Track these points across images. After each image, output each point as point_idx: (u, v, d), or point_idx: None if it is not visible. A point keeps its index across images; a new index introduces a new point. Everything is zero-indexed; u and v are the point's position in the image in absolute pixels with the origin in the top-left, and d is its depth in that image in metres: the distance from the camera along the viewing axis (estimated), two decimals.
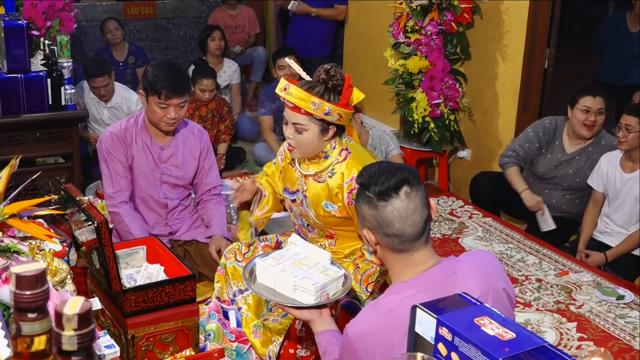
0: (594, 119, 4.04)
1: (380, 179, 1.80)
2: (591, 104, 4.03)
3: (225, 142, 5.46)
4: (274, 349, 2.69)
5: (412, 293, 1.76)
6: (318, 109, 2.52)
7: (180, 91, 3.10)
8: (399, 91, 4.99)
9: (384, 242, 1.82)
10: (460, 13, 4.66)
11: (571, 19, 9.72)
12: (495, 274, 1.86)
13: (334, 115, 2.55)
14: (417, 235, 1.80)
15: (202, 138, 3.39)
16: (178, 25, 6.97)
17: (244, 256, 2.94)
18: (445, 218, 4.50)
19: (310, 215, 2.74)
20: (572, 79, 8.05)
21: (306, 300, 2.14)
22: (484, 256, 1.91)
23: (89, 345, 0.98)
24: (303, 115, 2.56)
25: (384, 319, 1.77)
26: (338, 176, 2.65)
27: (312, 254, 2.33)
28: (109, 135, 3.25)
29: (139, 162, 3.27)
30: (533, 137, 4.26)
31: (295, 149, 2.65)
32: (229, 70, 6.16)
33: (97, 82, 4.93)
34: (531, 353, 1.25)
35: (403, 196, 1.78)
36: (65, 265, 2.39)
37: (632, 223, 3.94)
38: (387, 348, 1.74)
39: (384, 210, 1.78)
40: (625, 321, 3.39)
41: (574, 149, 4.19)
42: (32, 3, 3.78)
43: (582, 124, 4.06)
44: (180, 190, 3.40)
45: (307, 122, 2.57)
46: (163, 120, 3.15)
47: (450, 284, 1.76)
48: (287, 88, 2.56)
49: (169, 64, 3.30)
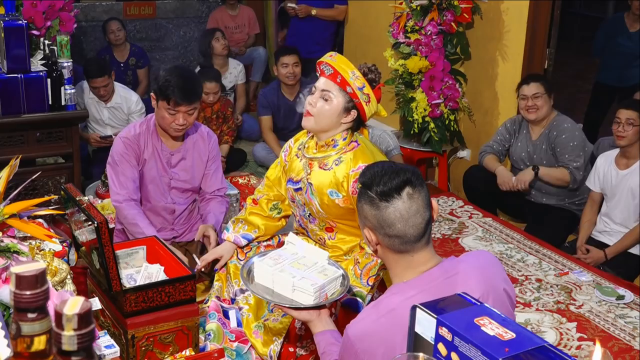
0: (532, 103, 4.30)
1: (383, 179, 1.79)
2: (526, 91, 4.31)
3: (228, 144, 5.46)
4: (275, 348, 2.69)
5: (413, 294, 1.76)
6: (355, 80, 2.61)
7: (189, 99, 3.07)
8: (399, 91, 4.99)
9: (385, 242, 1.82)
10: (460, 13, 4.66)
11: (571, 19, 9.72)
12: (495, 275, 1.86)
13: (364, 95, 2.63)
14: (419, 237, 1.80)
15: (211, 141, 3.36)
16: (178, 25, 6.97)
17: (245, 255, 2.95)
18: (445, 218, 4.50)
19: (315, 203, 2.74)
20: (572, 79, 8.06)
21: (305, 300, 2.14)
22: (485, 256, 1.91)
23: (89, 345, 0.98)
24: (336, 85, 2.63)
25: (385, 319, 1.76)
26: (345, 164, 2.67)
27: (310, 254, 2.33)
28: (122, 141, 3.21)
29: (149, 168, 3.25)
30: (502, 129, 4.60)
31: (312, 116, 2.67)
32: (235, 72, 6.17)
33: (96, 82, 4.93)
34: (531, 353, 1.25)
35: (405, 197, 1.78)
36: (65, 265, 2.39)
37: (631, 220, 3.95)
38: (388, 349, 1.74)
39: (385, 210, 1.78)
40: (625, 321, 3.39)
41: (537, 135, 4.42)
42: (32, 3, 3.78)
43: (524, 110, 4.36)
44: (188, 194, 3.38)
45: (337, 92, 2.64)
46: (172, 126, 3.12)
47: (451, 284, 1.75)
48: (333, 55, 2.67)
49: (181, 69, 3.22)
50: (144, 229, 3.08)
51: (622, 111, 3.93)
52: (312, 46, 6.02)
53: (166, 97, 3.05)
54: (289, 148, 2.90)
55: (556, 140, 4.28)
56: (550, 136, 4.31)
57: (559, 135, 4.27)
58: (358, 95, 2.62)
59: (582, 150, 4.26)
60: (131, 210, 3.15)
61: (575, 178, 4.24)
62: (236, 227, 2.96)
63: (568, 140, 4.25)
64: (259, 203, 2.96)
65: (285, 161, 2.90)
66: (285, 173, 2.90)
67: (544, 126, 4.36)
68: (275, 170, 2.95)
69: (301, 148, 2.83)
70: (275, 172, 2.95)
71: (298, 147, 2.85)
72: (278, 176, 2.93)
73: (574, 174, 4.22)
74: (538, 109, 4.29)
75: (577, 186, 4.29)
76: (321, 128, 2.69)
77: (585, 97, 6.54)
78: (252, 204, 2.98)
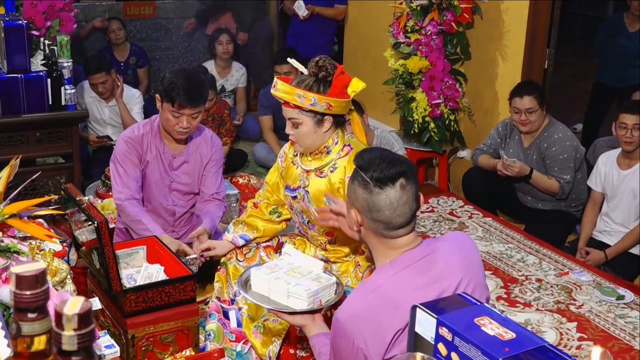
0: (525, 118, 4.22)
1: (381, 166, 1.86)
2: (520, 105, 4.22)
3: (227, 145, 5.46)
4: (274, 349, 2.70)
5: (397, 270, 1.85)
6: (304, 100, 2.58)
7: (194, 102, 3.06)
8: (399, 91, 4.99)
9: (370, 225, 1.90)
10: (460, 13, 4.65)
11: (571, 19, 9.72)
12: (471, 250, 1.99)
13: (321, 105, 2.59)
14: (403, 225, 1.88)
15: (215, 145, 3.35)
16: (178, 25, 6.96)
17: (245, 256, 2.95)
18: (445, 218, 4.50)
19: (312, 211, 2.74)
20: (572, 79, 8.06)
21: (299, 306, 2.19)
22: (461, 236, 2.05)
23: (89, 345, 0.98)
24: (293, 109, 2.63)
25: (371, 297, 1.83)
26: (340, 171, 2.67)
27: (305, 263, 2.38)
28: (125, 141, 3.20)
29: (151, 169, 3.25)
30: (494, 133, 4.54)
31: (296, 142, 2.71)
32: (237, 75, 6.15)
33: (94, 78, 4.94)
34: (531, 353, 1.25)
35: (398, 187, 1.85)
36: (65, 265, 2.39)
37: (632, 221, 3.95)
38: (375, 327, 1.80)
39: (378, 196, 1.85)
40: (625, 321, 3.39)
41: (528, 143, 4.37)
42: (32, 3, 3.77)
43: (517, 123, 4.29)
44: (189, 197, 3.38)
45: (299, 115, 2.63)
46: (175, 128, 3.12)
47: (433, 261, 1.87)
48: (275, 85, 2.65)
49: (188, 72, 3.19)
50: (147, 224, 3.07)
51: (627, 116, 3.87)
52: (312, 46, 6.01)
53: (171, 100, 3.05)
54: (284, 154, 2.90)
55: (547, 151, 4.24)
56: (541, 147, 4.27)
57: (550, 148, 4.23)
58: (316, 109, 2.60)
59: (572, 162, 4.21)
60: (134, 208, 3.14)
61: (564, 191, 4.22)
62: (236, 228, 2.98)
63: (558, 153, 4.21)
64: (259, 207, 2.97)
65: (282, 167, 2.90)
66: (282, 179, 2.90)
67: (535, 135, 4.32)
68: (274, 175, 2.95)
69: (296, 154, 2.83)
70: (274, 178, 2.95)
71: (293, 154, 2.85)
72: (276, 182, 2.93)
73: (564, 187, 4.21)
74: (531, 123, 4.24)
75: (565, 197, 4.28)
76: (309, 147, 2.71)
77: (585, 97, 6.54)
78: (252, 207, 2.99)
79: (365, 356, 1.80)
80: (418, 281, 1.83)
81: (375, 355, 1.80)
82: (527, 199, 4.43)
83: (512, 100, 4.26)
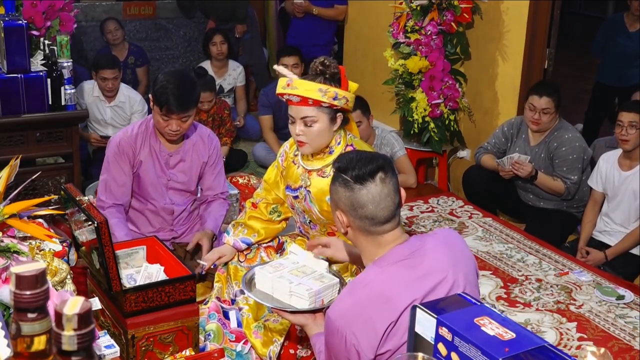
0: (538, 117, 4.21)
1: (358, 164, 1.92)
2: (537, 103, 4.21)
3: (227, 145, 5.46)
4: (274, 349, 2.70)
5: (385, 266, 1.89)
6: (326, 95, 2.56)
7: (182, 107, 3.04)
8: (399, 91, 4.99)
9: (356, 224, 1.93)
10: (460, 13, 4.65)
11: (571, 19, 9.73)
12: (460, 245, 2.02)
13: (341, 100, 2.59)
14: (388, 219, 1.91)
15: (212, 144, 3.33)
16: (178, 25, 6.96)
17: (245, 257, 2.95)
18: (445, 218, 4.50)
19: (314, 210, 2.74)
20: (572, 79, 8.06)
21: (301, 305, 2.20)
22: (449, 232, 2.08)
23: (89, 345, 0.98)
24: (311, 107, 2.59)
25: (361, 293, 1.86)
26: None
27: (310, 263, 2.39)
28: (117, 143, 3.20)
29: (146, 168, 3.24)
30: (499, 132, 4.52)
31: (307, 143, 2.66)
32: (234, 74, 6.14)
33: (106, 72, 4.94)
34: (531, 353, 1.25)
35: (378, 181, 1.90)
36: (65, 265, 2.38)
37: (632, 221, 3.95)
38: (366, 322, 1.82)
39: (359, 192, 1.90)
40: (625, 321, 3.39)
41: (537, 141, 4.35)
42: (32, 3, 3.77)
43: (529, 120, 4.27)
44: (186, 196, 3.37)
45: (316, 112, 2.60)
46: (165, 130, 3.11)
47: (421, 256, 1.91)
48: (290, 83, 2.59)
49: (180, 76, 3.12)
50: (120, 239, 3.01)
51: (623, 114, 3.90)
52: (312, 47, 6.01)
53: (159, 104, 3.04)
54: (285, 153, 2.89)
55: (556, 151, 4.24)
56: (550, 146, 4.27)
57: (559, 147, 4.23)
58: (337, 104, 2.60)
59: (580, 163, 4.21)
60: (112, 219, 3.10)
61: (570, 192, 4.22)
62: (236, 230, 2.96)
63: (568, 153, 4.21)
64: (259, 207, 2.96)
65: (282, 166, 2.89)
66: (283, 178, 2.89)
67: (545, 134, 4.32)
68: (273, 173, 2.94)
69: (297, 154, 2.82)
70: (273, 176, 2.93)
71: (294, 153, 2.84)
72: (276, 180, 2.92)
73: (570, 188, 4.21)
74: (542, 124, 4.23)
75: (570, 197, 4.27)
76: (319, 147, 2.69)
77: (585, 97, 6.54)
78: (251, 208, 2.98)
79: (357, 352, 1.83)
80: (407, 276, 1.86)
81: (367, 350, 1.82)
82: (529, 197, 4.43)
83: (530, 97, 4.24)
